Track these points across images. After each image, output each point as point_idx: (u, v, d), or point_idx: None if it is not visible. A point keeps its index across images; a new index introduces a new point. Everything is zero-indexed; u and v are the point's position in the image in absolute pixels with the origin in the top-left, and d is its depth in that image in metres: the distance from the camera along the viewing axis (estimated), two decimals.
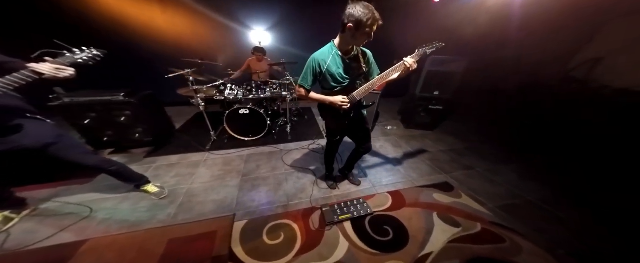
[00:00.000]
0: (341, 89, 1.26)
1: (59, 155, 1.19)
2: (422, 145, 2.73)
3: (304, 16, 4.04)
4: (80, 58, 0.99)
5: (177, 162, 2.28)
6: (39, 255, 1.16)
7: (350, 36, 1.07)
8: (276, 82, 2.77)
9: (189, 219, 1.52)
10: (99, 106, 2.08)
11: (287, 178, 2.07)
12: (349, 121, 1.38)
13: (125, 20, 3.31)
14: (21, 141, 1.07)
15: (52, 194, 1.67)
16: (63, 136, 1.22)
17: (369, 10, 0.97)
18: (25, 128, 1.08)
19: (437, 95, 2.90)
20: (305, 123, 3.48)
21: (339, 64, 1.20)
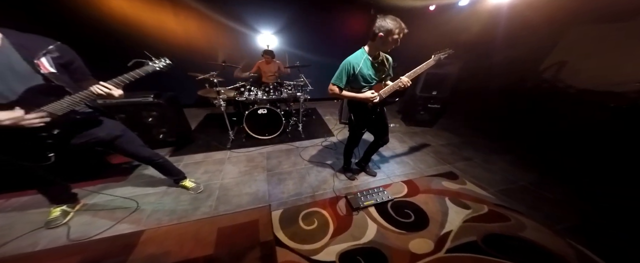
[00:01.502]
0: (369, 88, 1.47)
1: (122, 146, 1.31)
2: (424, 140, 2.98)
3: (308, 22, 4.21)
4: (159, 66, 1.11)
5: (202, 160, 2.35)
6: (105, 243, 1.23)
7: (380, 43, 1.28)
8: (291, 83, 2.90)
9: (229, 210, 1.63)
10: (130, 107, 2.13)
11: (309, 172, 2.22)
12: (376, 115, 1.59)
13: (141, 25, 3.31)
14: (98, 133, 1.18)
15: (95, 190, 1.70)
16: (127, 130, 1.33)
17: (396, 21, 1.20)
18: (102, 124, 1.19)
19: (435, 94, 3.16)
20: (314, 122, 3.64)
21: (369, 66, 1.41)
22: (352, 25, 4.50)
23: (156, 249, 1.24)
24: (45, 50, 0.96)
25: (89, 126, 1.14)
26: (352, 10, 4.32)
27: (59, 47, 1.00)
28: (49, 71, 0.95)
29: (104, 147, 1.26)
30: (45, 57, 0.95)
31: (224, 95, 2.51)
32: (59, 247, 1.20)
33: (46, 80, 0.95)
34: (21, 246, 1.19)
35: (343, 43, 4.68)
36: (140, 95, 2.16)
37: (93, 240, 1.25)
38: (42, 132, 0.99)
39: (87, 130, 1.14)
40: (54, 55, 0.97)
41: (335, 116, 4.02)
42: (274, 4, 3.85)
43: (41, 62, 0.94)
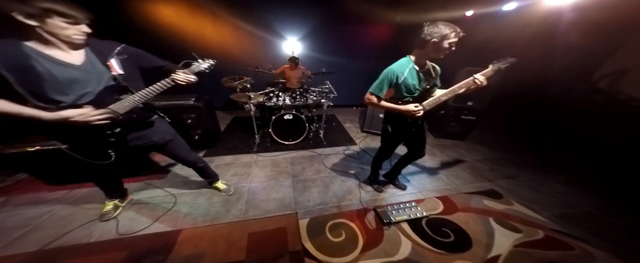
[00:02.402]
0: (411, 99, 1.37)
1: (172, 150, 1.36)
2: (457, 155, 2.76)
3: (331, 30, 4.24)
4: (204, 66, 1.18)
5: (231, 162, 2.41)
6: (148, 240, 1.29)
7: (432, 50, 1.19)
8: (316, 89, 2.91)
9: (259, 215, 1.63)
10: (175, 109, 2.28)
11: (332, 180, 2.16)
12: (415, 128, 1.47)
13: (186, 33, 3.60)
14: (153, 137, 1.24)
15: (140, 187, 1.82)
16: (176, 134, 1.38)
17: (451, 26, 1.12)
18: (156, 126, 1.25)
19: (471, 105, 2.92)
20: (334, 129, 3.59)
21: (414, 76, 1.31)
22: (376, 34, 4.45)
23: (192, 250, 1.27)
24: (115, 52, 1.05)
25: (144, 127, 1.21)
26: (377, 18, 4.28)
27: (124, 50, 1.07)
28: (118, 73, 1.04)
29: (156, 150, 1.33)
30: (115, 59, 1.04)
31: (254, 99, 2.60)
32: (109, 240, 1.28)
33: (115, 81, 1.04)
34: (78, 237, 1.29)
35: (365, 51, 4.65)
36: (182, 98, 2.31)
37: (138, 236, 1.32)
38: (107, 131, 1.07)
39: (144, 133, 1.21)
40: (122, 58, 1.06)
41: (356, 124, 3.94)
42: (301, 10, 3.95)
43: (111, 64, 1.02)
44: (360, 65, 4.77)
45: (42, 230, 1.33)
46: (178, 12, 3.48)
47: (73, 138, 1.03)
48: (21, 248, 1.19)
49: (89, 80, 0.98)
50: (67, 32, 0.85)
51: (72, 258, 1.14)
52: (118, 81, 1.04)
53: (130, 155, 1.20)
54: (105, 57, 1.01)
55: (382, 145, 1.77)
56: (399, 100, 1.38)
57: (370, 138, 3.27)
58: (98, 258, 1.15)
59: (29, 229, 1.32)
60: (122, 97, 1.05)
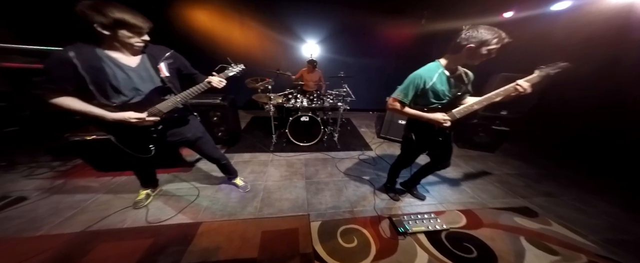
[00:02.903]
0: (439, 106, 1.26)
1: (201, 146, 1.45)
2: (484, 167, 2.54)
3: (350, 33, 4.19)
4: (235, 71, 1.24)
5: (249, 159, 2.49)
6: (172, 230, 1.38)
7: (467, 56, 1.09)
8: (333, 92, 2.88)
9: (273, 214, 1.65)
10: (203, 107, 2.43)
11: (346, 185, 2.11)
12: (443, 138, 1.36)
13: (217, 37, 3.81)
14: (186, 134, 1.33)
15: (169, 179, 1.95)
16: (206, 132, 1.47)
17: (493, 30, 1.01)
18: (190, 123, 1.35)
19: (505, 115, 2.63)
20: (349, 133, 3.52)
21: (444, 82, 1.21)
22: (397, 37, 4.29)
23: (209, 243, 1.32)
24: (164, 56, 1.14)
25: (181, 124, 1.30)
26: (399, 21, 4.13)
27: (172, 55, 1.18)
28: (165, 75, 1.14)
29: (186, 146, 1.42)
30: (164, 63, 1.14)
31: (274, 100, 2.66)
32: (138, 227, 1.39)
33: (162, 83, 1.14)
34: (114, 221, 1.42)
35: (385, 54, 4.51)
36: (211, 96, 2.45)
37: (163, 225, 1.41)
38: (151, 128, 1.18)
39: (179, 129, 1.30)
40: (169, 62, 1.16)
41: (372, 129, 3.82)
42: (321, 13, 3.97)
43: (161, 67, 1.12)
44: (379, 70, 4.65)
45: (87, 212, 1.49)
46: (211, 18, 3.71)
47: (122, 133, 1.15)
48: (69, 227, 1.34)
49: (142, 80, 1.09)
50: (131, 40, 0.97)
51: (107, 242, 1.26)
52: (164, 83, 1.14)
53: (165, 149, 1.31)
54: (156, 60, 1.12)
55: (403, 154, 1.66)
56: (424, 107, 1.28)
57: (387, 144, 3.15)
58: (128, 244, 1.25)
59: (77, 211, 1.50)
60: (166, 97, 1.15)
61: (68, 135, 1.72)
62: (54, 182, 1.82)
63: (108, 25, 0.88)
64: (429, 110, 1.26)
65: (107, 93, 1.02)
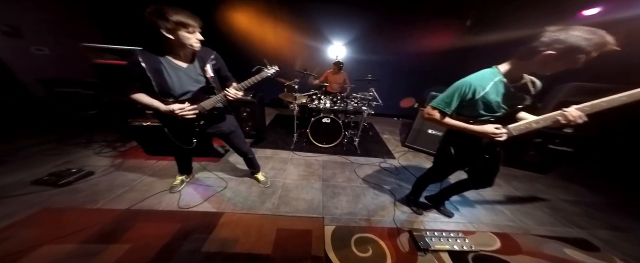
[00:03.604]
0: (491, 119, 1.04)
1: (233, 140, 1.52)
2: (531, 190, 2.18)
3: (380, 35, 3.96)
4: (271, 73, 1.26)
5: (271, 156, 2.53)
6: (197, 218, 1.46)
7: (540, 64, 0.86)
8: (358, 95, 2.75)
9: (289, 212, 1.64)
10: (235, 103, 2.48)
11: (364, 192, 1.99)
12: (490, 155, 1.16)
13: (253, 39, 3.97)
14: (222, 128, 1.42)
15: (200, 168, 2.08)
16: (238, 127, 1.54)
17: (594, 34, 0.75)
18: (227, 119, 1.43)
19: (570, 132, 2.18)
20: (370, 139, 3.34)
21: (500, 91, 1.00)
22: (434, 41, 3.90)
23: (229, 234, 1.36)
24: (210, 58, 1.21)
25: (219, 120, 1.39)
26: (439, 23, 3.75)
27: (216, 56, 1.24)
28: (210, 75, 1.21)
29: (220, 138, 1.51)
30: (209, 64, 1.21)
31: (298, 100, 2.66)
32: (171, 211, 1.50)
33: (207, 83, 1.21)
34: (152, 202, 1.56)
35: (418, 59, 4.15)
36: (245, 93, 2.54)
37: (191, 212, 1.50)
38: (195, 122, 1.27)
39: (217, 124, 1.39)
40: (213, 63, 1.23)
41: (396, 136, 3.57)
42: (350, 15, 3.83)
43: (207, 69, 1.20)
44: (409, 75, 4.32)
45: (134, 191, 1.67)
46: (250, 20, 3.86)
47: (173, 125, 1.27)
48: (119, 204, 1.51)
49: (191, 81, 1.17)
50: (189, 40, 1.03)
51: (144, 222, 1.37)
52: (209, 83, 1.21)
53: (203, 140, 1.41)
54: (204, 62, 1.19)
55: (436, 167, 1.46)
56: (470, 119, 1.08)
57: (411, 154, 2.91)
58: (160, 227, 1.35)
59: (127, 189, 1.69)
60: (208, 96, 1.22)
61: (131, 121, 1.98)
62: (114, 160, 2.10)
63: (170, 28, 0.95)
64: (477, 123, 1.06)
65: (165, 92, 1.13)
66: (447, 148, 1.25)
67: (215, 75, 1.24)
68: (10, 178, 1.67)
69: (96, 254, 1.11)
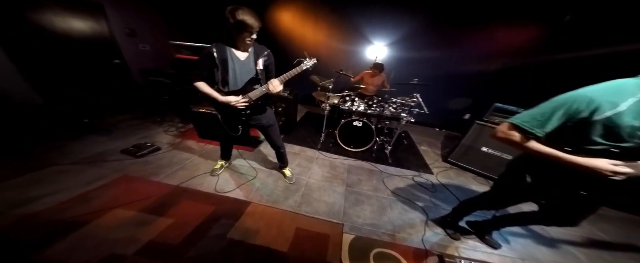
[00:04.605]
0: (615, 151, 0.71)
1: (270, 133, 1.57)
2: (627, 236, 1.62)
3: (431, 36, 3.43)
4: (310, 65, 1.26)
5: (298, 152, 2.51)
6: (228, 203, 1.55)
7: None
8: (398, 101, 2.45)
9: (309, 213, 1.58)
10: (274, 98, 2.55)
11: (392, 205, 1.78)
12: (589, 193, 0.84)
13: (294, 36, 4.03)
14: (262, 120, 1.48)
15: (237, 155, 2.22)
16: (276, 121, 1.59)
17: None
18: (267, 112, 1.49)
19: None
20: (405, 149, 2.97)
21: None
22: (506, 41, 3.16)
23: (252, 225, 1.39)
24: (263, 54, 1.28)
25: (261, 112, 1.45)
26: (520, 18, 3.01)
27: (268, 54, 1.31)
28: (260, 68, 1.27)
29: (259, 129, 1.58)
30: (262, 59, 1.27)
31: (331, 100, 2.55)
32: (209, 193, 1.62)
33: (256, 75, 1.28)
34: (196, 183, 1.72)
35: (478, 66, 3.47)
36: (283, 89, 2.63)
37: (224, 197, 1.59)
38: (242, 112, 1.35)
39: (259, 116, 1.45)
40: (265, 59, 1.29)
41: (437, 149, 3.10)
42: (397, 15, 3.43)
43: (258, 63, 1.26)
44: (462, 82, 3.66)
45: (185, 170, 1.88)
46: (294, 18, 3.88)
47: (224, 113, 1.38)
48: (172, 180, 1.72)
49: (245, 72, 1.27)
50: (247, 38, 1.12)
51: (188, 200, 1.52)
52: (257, 75, 1.28)
53: (245, 130, 1.51)
54: (257, 57, 1.26)
55: (496, 194, 1.18)
56: (568, 147, 0.76)
57: (455, 171, 2.49)
58: (199, 207, 1.47)
59: (180, 167, 1.92)
60: (256, 87, 1.30)
61: (192, 106, 2.28)
62: (175, 139, 2.45)
63: (237, 26, 1.05)
64: (578, 154, 0.74)
65: (224, 81, 1.25)
66: (520, 176, 0.95)
67: (264, 70, 1.31)
68: (110, 146, 2.12)
69: (147, 224, 1.27)
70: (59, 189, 1.43)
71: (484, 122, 2.28)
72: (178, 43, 2.62)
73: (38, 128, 2.16)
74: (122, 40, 2.98)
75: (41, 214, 1.23)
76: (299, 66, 1.25)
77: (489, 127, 2.25)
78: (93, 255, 1.06)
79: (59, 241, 1.09)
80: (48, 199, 1.34)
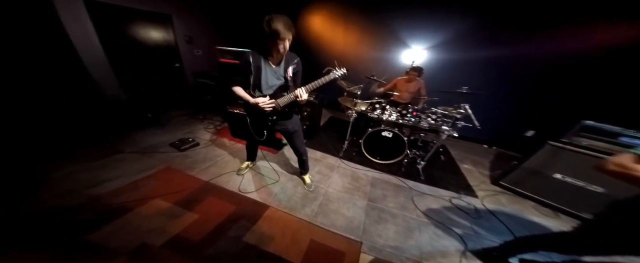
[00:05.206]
0: None
1: (294, 138, 1.57)
2: None
3: (482, 36, 2.93)
4: (339, 74, 1.22)
5: (319, 159, 2.45)
6: (249, 205, 1.59)
7: None
8: (438, 110, 2.13)
9: (325, 225, 1.50)
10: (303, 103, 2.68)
11: (421, 227, 1.56)
12: None
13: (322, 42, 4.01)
14: (288, 126, 1.49)
15: (260, 156, 2.28)
16: (301, 127, 1.59)
17: None
18: (293, 118, 1.50)
19: None
20: (442, 165, 2.59)
21: None
22: (604, 40, 2.46)
23: (268, 230, 1.38)
24: (293, 62, 1.30)
25: (288, 117, 1.46)
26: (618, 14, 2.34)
27: (298, 61, 1.33)
28: (289, 75, 1.30)
29: (284, 135, 1.59)
30: (291, 66, 1.29)
31: (358, 107, 2.40)
32: (232, 192, 1.70)
33: (286, 82, 1.31)
34: (223, 181, 1.83)
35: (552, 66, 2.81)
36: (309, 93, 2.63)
37: (245, 197, 1.64)
38: (269, 116, 1.40)
39: (284, 121, 1.47)
40: (294, 66, 1.30)
41: (482, 169, 2.64)
42: (440, 16, 3.05)
43: (288, 70, 1.28)
44: (528, 90, 3.01)
45: (215, 166, 2.02)
46: (323, 23, 3.87)
47: (253, 116, 1.45)
48: (203, 175, 1.85)
49: (276, 78, 1.30)
50: (280, 47, 1.14)
51: (213, 197, 1.61)
52: (286, 82, 1.31)
53: (270, 133, 1.56)
54: (288, 64, 1.28)
55: (584, 236, 0.95)
56: None
57: (507, 197, 2.06)
58: (222, 205, 1.54)
59: (212, 163, 2.07)
60: (284, 94, 1.32)
61: (228, 107, 2.50)
62: (212, 136, 2.73)
63: (271, 35, 1.07)
64: None
65: (256, 86, 1.30)
66: (622, 217, 0.75)
67: (293, 77, 1.33)
68: (162, 138, 2.47)
69: (176, 217, 1.37)
70: (119, 174, 1.70)
71: (563, 143, 1.79)
72: (222, 48, 2.90)
73: (118, 119, 2.70)
74: (182, 46, 3.46)
75: (102, 197, 1.46)
76: (328, 75, 1.22)
77: (571, 150, 1.75)
78: (128, 241, 1.18)
79: (106, 224, 1.26)
80: (109, 184, 1.60)
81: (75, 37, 2.29)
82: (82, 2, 2.27)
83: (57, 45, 2.19)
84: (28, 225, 1.22)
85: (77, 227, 1.24)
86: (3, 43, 1.83)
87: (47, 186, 1.51)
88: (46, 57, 2.13)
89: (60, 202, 1.39)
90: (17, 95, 1.95)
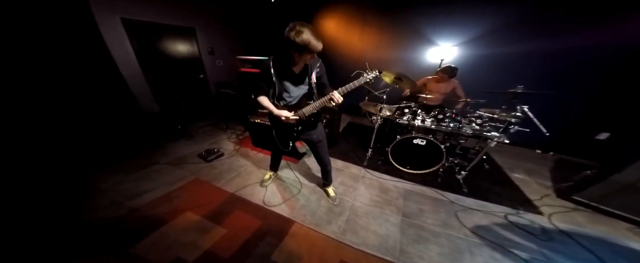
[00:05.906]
0: None
1: (318, 148, 1.52)
2: None
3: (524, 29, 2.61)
4: (370, 78, 1.14)
5: (341, 168, 2.33)
6: (274, 219, 1.55)
7: None
8: (485, 115, 1.86)
9: (355, 243, 1.38)
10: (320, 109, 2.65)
11: (472, 249, 1.35)
12: None
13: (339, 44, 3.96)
14: (312, 136, 1.45)
15: (283, 165, 2.25)
16: (325, 137, 1.53)
17: None
18: (318, 128, 1.46)
19: None
20: (486, 175, 2.28)
21: None
22: None
23: (295, 248, 1.31)
24: (316, 66, 1.23)
25: (312, 127, 1.42)
26: None
27: (321, 65, 1.26)
28: (313, 81, 1.25)
29: (308, 145, 1.54)
30: (314, 71, 1.23)
31: (383, 112, 2.25)
32: (257, 204, 1.68)
33: (309, 88, 1.27)
34: (247, 192, 1.83)
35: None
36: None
37: (270, 211, 1.61)
38: (294, 127, 1.37)
39: (309, 131, 1.43)
40: (317, 70, 1.25)
41: (541, 179, 2.27)
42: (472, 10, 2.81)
43: (312, 76, 1.24)
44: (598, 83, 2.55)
45: (239, 177, 2.04)
46: (338, 24, 3.82)
47: (279, 127, 1.42)
48: (229, 187, 1.88)
49: (299, 86, 1.26)
50: (308, 57, 1.12)
51: (240, 210, 1.60)
52: (311, 88, 1.26)
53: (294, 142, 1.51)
54: (311, 69, 1.23)
55: None
56: None
57: (586, 216, 1.72)
58: (248, 219, 1.52)
59: (236, 174, 2.10)
60: (309, 101, 1.27)
61: (249, 116, 2.56)
62: (235, 146, 2.81)
63: (300, 47, 1.02)
64: None
65: (280, 95, 1.27)
66: None
67: (317, 81, 1.27)
68: (191, 149, 2.60)
69: (207, 231, 1.38)
70: (155, 186, 1.81)
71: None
72: (242, 58, 3.02)
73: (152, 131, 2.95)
74: (205, 57, 3.70)
75: (141, 209, 1.55)
76: (358, 79, 1.14)
77: None
78: (164, 256, 1.21)
79: (146, 237, 1.32)
80: (147, 195, 1.70)
81: (117, 56, 2.54)
82: (120, 22, 2.52)
83: (104, 65, 2.44)
84: (86, 235, 1.33)
85: (124, 237, 1.32)
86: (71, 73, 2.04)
87: (96, 197, 1.66)
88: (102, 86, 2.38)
89: (107, 213, 1.51)
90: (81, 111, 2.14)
